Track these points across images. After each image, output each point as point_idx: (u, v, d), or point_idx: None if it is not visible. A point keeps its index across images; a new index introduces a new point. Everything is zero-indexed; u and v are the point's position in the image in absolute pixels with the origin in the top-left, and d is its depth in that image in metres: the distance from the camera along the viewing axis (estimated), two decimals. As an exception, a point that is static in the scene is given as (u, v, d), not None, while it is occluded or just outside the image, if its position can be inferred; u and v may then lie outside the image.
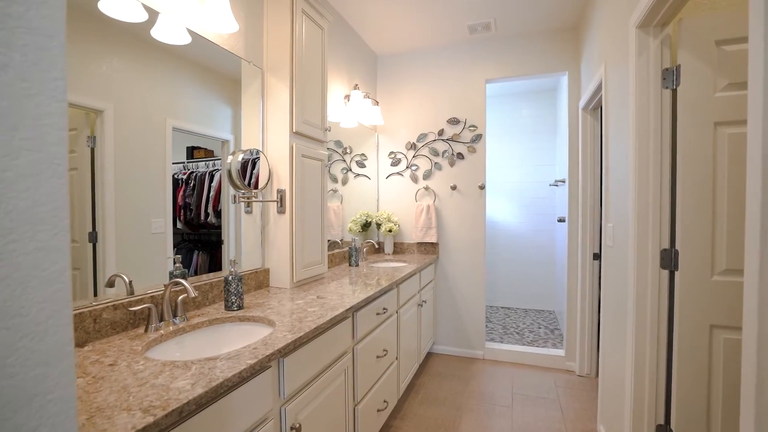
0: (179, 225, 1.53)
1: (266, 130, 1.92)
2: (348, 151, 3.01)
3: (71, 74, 1.10)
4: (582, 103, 2.71)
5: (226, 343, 1.36)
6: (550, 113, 4.49)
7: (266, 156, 1.91)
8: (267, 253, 1.93)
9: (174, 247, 1.49)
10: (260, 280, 1.86)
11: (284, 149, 1.88)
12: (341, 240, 2.90)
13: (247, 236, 1.87)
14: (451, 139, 3.19)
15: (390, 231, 3.20)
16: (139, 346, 1.09)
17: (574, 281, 2.88)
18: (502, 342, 3.42)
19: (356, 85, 2.75)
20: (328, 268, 2.51)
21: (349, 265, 2.63)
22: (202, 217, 1.63)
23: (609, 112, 1.97)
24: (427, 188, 3.27)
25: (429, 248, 3.26)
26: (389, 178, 3.40)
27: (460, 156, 3.17)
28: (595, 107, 2.67)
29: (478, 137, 3.11)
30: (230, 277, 1.48)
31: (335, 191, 2.82)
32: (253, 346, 1.09)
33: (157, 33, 1.36)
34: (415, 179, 3.32)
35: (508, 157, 4.65)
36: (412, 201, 3.33)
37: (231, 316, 1.41)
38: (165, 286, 1.29)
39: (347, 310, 1.52)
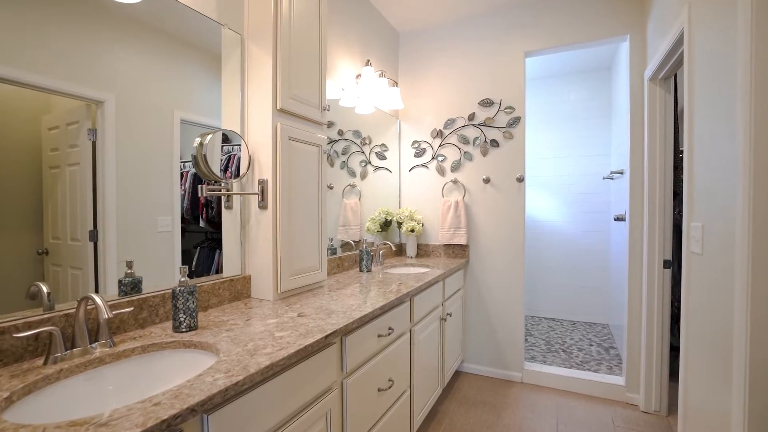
0: (202, 223, 1.45)
1: (247, 109, 1.59)
2: (367, 141, 2.66)
3: (67, 63, 1.03)
4: (649, 72, 2.16)
5: (154, 380, 1.02)
6: (603, 96, 3.87)
7: (245, 139, 1.58)
8: (248, 257, 1.60)
9: (196, 246, 1.43)
10: (237, 290, 1.53)
11: (266, 131, 1.53)
12: (360, 241, 2.55)
13: (227, 237, 1.55)
14: (484, 124, 2.73)
15: (412, 231, 2.80)
16: (7, 392, 0.77)
17: (637, 294, 2.33)
18: (544, 362, 2.91)
19: (368, 61, 2.37)
20: (335, 274, 2.16)
21: (360, 270, 2.26)
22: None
23: (693, 76, 1.46)
24: (455, 182, 2.83)
25: (457, 251, 2.82)
26: (412, 170, 3.00)
27: (495, 143, 2.70)
28: (667, 75, 2.12)
29: (516, 120, 2.63)
30: (178, 290, 1.15)
31: (353, 186, 2.48)
32: (155, 400, 0.74)
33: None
34: (441, 171, 2.89)
35: (553, 147, 4.08)
36: (438, 196, 2.90)
37: (173, 341, 1.08)
38: (78, 302, 0.98)
39: (328, 335, 1.14)
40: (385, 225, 2.87)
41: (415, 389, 1.85)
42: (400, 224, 2.88)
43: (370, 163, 2.72)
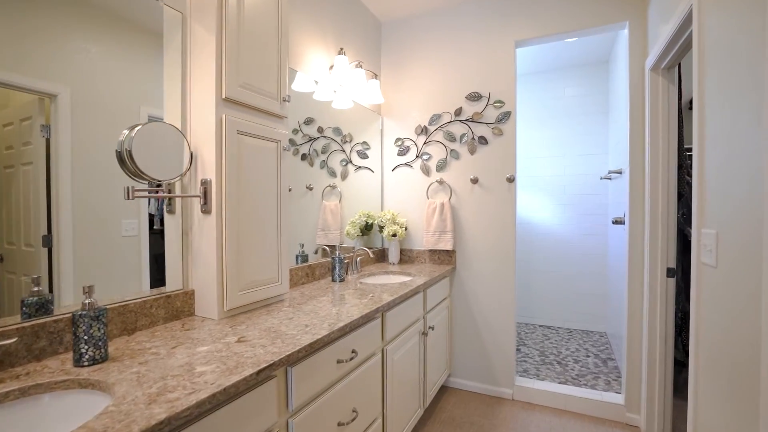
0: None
1: (189, 98, 1.38)
2: (348, 139, 2.48)
3: (10, 51, 0.95)
4: (650, 61, 1.96)
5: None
6: (600, 91, 3.68)
7: (186, 132, 1.37)
8: (191, 268, 1.39)
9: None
10: (177, 307, 1.32)
11: (210, 123, 1.33)
12: (340, 246, 2.37)
13: (170, 246, 1.34)
14: (472, 120, 2.53)
15: (394, 235, 2.59)
16: None
17: (638, 305, 2.13)
18: (538, 375, 2.70)
19: (341, 49, 2.16)
20: (303, 284, 1.95)
21: (332, 280, 2.05)
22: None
23: (704, 61, 1.25)
24: (441, 182, 2.62)
25: (443, 257, 2.61)
26: (396, 170, 2.79)
27: (483, 140, 2.49)
28: (671, 65, 1.92)
29: (506, 116, 2.43)
30: (78, 315, 0.94)
31: (333, 187, 2.32)
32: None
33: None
34: (426, 171, 2.68)
35: (548, 146, 3.88)
36: (422, 198, 2.70)
37: (66, 379, 0.87)
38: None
39: (263, 370, 0.93)
40: (366, 229, 2.66)
41: (388, 415, 1.64)
42: (381, 228, 2.67)
43: (351, 162, 2.53)
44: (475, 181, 2.51)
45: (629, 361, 2.15)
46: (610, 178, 3.44)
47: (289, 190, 2.02)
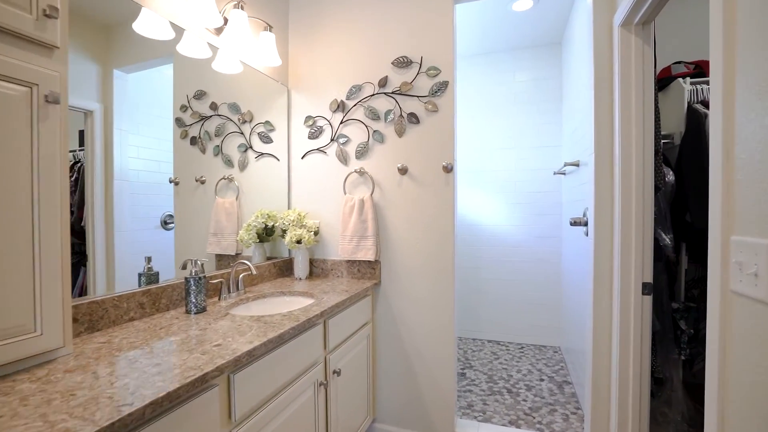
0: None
1: None
2: (247, 118, 1.94)
3: None
4: (621, 14, 1.49)
5: None
6: (553, 76, 3.27)
7: None
8: None
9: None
10: None
11: None
12: (237, 255, 1.84)
13: None
14: (400, 92, 1.96)
15: (299, 242, 1.97)
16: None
17: (605, 326, 1.66)
18: (484, 413, 2.19)
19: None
20: (131, 321, 1.27)
21: (186, 311, 1.39)
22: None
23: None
24: (361, 172, 2.04)
25: (366, 269, 2.03)
26: (306, 157, 2.17)
27: (414, 119, 1.94)
28: (647, 19, 1.46)
29: (443, 87, 1.89)
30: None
31: (230, 180, 1.83)
32: None
33: None
34: (344, 158, 2.09)
35: (496, 137, 3.42)
36: (339, 192, 2.10)
37: None
38: None
39: None
40: (267, 234, 2.03)
41: None
42: (284, 232, 2.04)
43: (251, 147, 1.94)
44: (404, 170, 1.95)
45: (594, 399, 1.67)
46: (564, 173, 3.04)
47: (175, 183, 1.51)
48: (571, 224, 2.07)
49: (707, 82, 2.06)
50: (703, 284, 2.18)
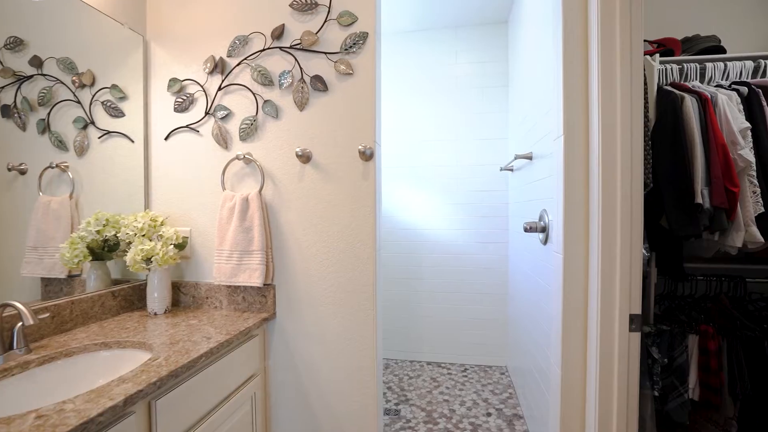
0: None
1: None
2: (87, 81, 1.37)
3: None
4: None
5: None
6: (499, 59, 2.88)
7: None
8: None
9: None
10: None
11: None
12: (77, 277, 1.27)
13: None
14: (301, 46, 1.40)
15: (149, 260, 1.33)
16: None
17: (576, 378, 1.22)
18: (420, 475, 1.70)
19: None
20: None
21: None
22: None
23: None
24: (247, 159, 1.44)
25: (254, 297, 1.43)
26: (172, 137, 1.53)
27: (320, 84, 1.38)
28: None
29: (361, 40, 1.35)
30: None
31: (64, 169, 1.27)
32: None
33: None
34: (224, 140, 1.47)
35: (435, 127, 2.97)
36: (216, 188, 1.48)
37: None
38: None
39: None
40: (108, 248, 1.38)
41: None
42: (130, 245, 1.38)
43: (93, 123, 1.37)
44: (306, 158, 1.39)
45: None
46: (511, 169, 2.65)
47: (22, 172, 1.15)
48: (526, 230, 1.64)
49: (678, 62, 1.73)
50: (673, 300, 1.87)
